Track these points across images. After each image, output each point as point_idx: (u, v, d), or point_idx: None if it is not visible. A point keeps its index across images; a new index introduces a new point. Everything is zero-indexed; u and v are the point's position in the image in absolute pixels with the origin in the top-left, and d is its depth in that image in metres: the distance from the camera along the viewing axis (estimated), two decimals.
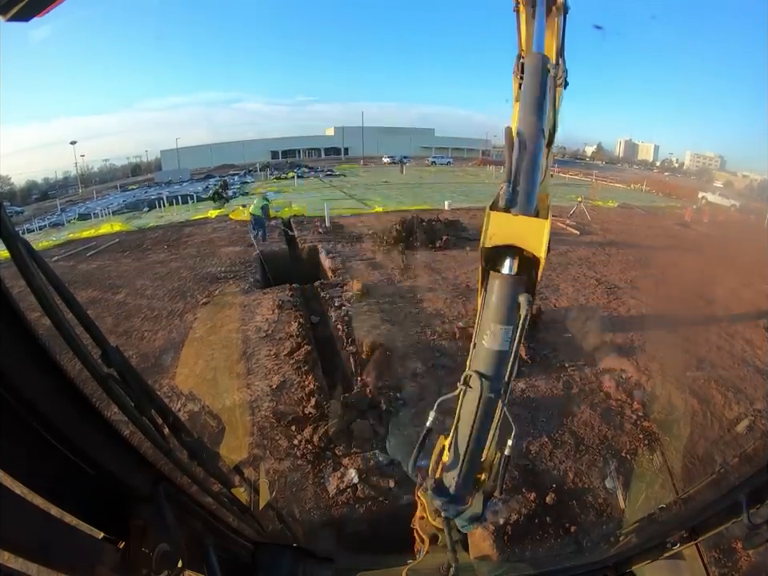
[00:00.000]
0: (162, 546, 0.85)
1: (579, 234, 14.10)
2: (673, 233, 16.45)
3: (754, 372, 6.09)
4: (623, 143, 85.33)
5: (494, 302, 1.37)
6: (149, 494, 0.93)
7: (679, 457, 4.41)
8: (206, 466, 1.25)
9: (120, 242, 14.28)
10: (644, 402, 5.33)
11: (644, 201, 27.06)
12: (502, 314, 1.36)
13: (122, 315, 7.92)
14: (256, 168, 45.66)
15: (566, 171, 45.85)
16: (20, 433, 0.67)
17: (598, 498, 4.01)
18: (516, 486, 4.06)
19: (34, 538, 0.67)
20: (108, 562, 0.80)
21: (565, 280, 9.56)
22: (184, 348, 6.58)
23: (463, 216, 15.18)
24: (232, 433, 4.72)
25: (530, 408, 5.17)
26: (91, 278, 10.26)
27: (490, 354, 1.40)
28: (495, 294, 1.36)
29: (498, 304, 1.36)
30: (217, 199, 21.76)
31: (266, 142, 60.99)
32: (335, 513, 3.84)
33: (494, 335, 1.37)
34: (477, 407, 1.44)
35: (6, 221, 0.64)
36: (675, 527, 1.44)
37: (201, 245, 12.74)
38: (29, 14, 0.75)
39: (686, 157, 74.47)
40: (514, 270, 1.32)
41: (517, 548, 3.53)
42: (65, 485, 0.77)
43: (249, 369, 5.98)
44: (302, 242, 12.49)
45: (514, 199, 1.25)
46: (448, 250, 11.32)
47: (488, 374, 1.42)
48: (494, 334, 1.37)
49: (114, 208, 26.68)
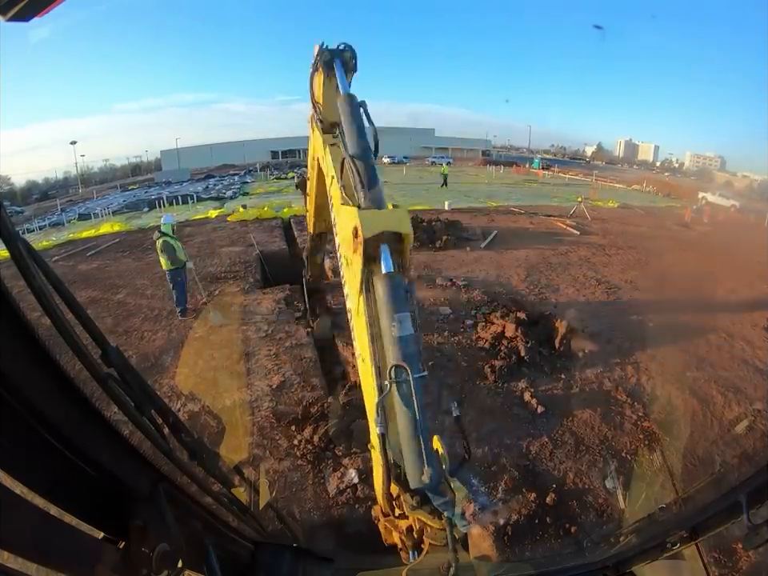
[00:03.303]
0: (162, 546, 0.85)
1: (579, 234, 14.10)
2: (673, 233, 16.45)
3: (754, 372, 6.09)
4: (623, 143, 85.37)
5: (388, 298, 1.55)
6: (149, 494, 0.93)
7: (679, 457, 4.41)
8: (206, 466, 1.25)
9: (120, 241, 14.29)
10: (644, 401, 5.34)
11: (644, 201, 27.07)
12: (399, 304, 1.54)
13: (122, 315, 7.92)
14: (256, 168, 45.66)
15: (566, 171, 45.90)
16: (20, 433, 0.67)
17: (598, 497, 4.01)
18: (516, 485, 4.07)
19: (34, 538, 0.67)
20: (108, 562, 0.80)
21: (565, 280, 9.56)
22: (184, 348, 6.58)
23: (463, 216, 15.20)
24: (232, 433, 4.72)
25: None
26: (91, 278, 10.26)
27: (402, 341, 1.52)
28: (387, 292, 1.55)
29: (393, 298, 1.54)
30: None
31: (265, 142, 60.99)
32: (335, 513, 3.84)
33: (400, 323, 1.52)
34: (412, 392, 1.48)
35: (6, 221, 0.64)
36: (675, 527, 1.44)
37: (201, 245, 12.74)
38: (29, 14, 0.75)
39: (685, 157, 74.51)
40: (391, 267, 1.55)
41: (517, 548, 3.53)
42: (65, 485, 0.77)
43: (249, 368, 5.98)
44: (303, 241, 12.48)
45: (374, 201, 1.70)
46: (448, 249, 11.33)
47: (410, 358, 1.51)
48: (400, 322, 1.52)
49: (114, 208, 26.68)
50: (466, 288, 8.68)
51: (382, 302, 1.56)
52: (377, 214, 1.62)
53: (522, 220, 16.07)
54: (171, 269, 7.42)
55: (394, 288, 1.55)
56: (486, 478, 4.17)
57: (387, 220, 1.60)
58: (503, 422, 4.96)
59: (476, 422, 4.89)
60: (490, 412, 5.12)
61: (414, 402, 1.48)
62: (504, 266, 10.36)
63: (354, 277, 1.69)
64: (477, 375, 5.79)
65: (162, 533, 0.88)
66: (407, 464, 1.53)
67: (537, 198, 23.23)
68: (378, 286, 1.58)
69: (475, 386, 5.58)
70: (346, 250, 1.79)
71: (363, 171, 1.77)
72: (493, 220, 15.65)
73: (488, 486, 4.09)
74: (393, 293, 1.55)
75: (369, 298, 1.62)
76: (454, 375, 5.80)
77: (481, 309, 7.65)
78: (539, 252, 11.52)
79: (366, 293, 1.62)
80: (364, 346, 1.68)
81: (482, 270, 9.97)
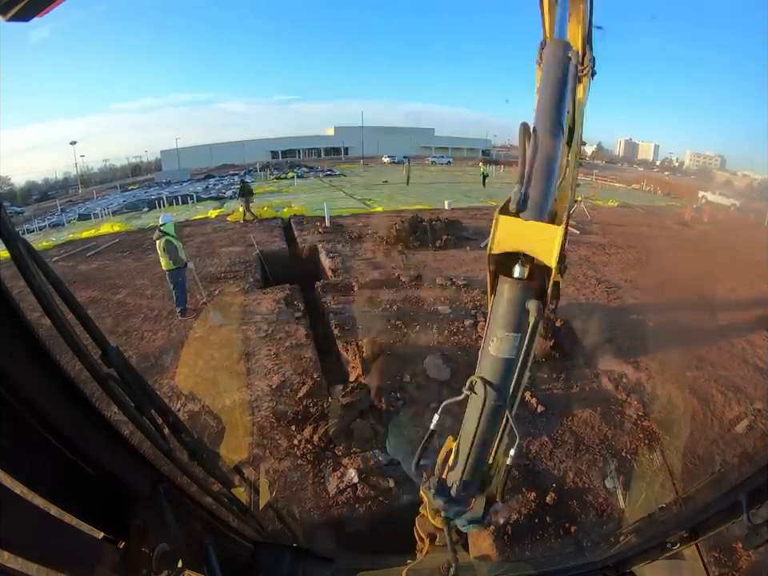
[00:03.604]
0: (162, 546, 0.85)
1: (579, 234, 14.09)
2: (673, 232, 16.45)
3: (754, 371, 6.09)
4: (623, 143, 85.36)
5: (502, 307, 1.31)
6: (149, 494, 0.93)
7: (679, 456, 4.41)
8: (206, 466, 1.25)
9: (120, 242, 14.28)
10: (644, 401, 5.34)
11: (644, 200, 27.06)
12: (510, 321, 1.30)
13: (122, 315, 7.92)
14: (256, 168, 45.65)
15: None
16: (20, 433, 0.67)
17: (598, 497, 4.01)
18: (516, 485, 4.07)
19: (34, 538, 0.67)
20: (108, 562, 0.80)
21: (565, 279, 9.53)
22: (184, 348, 6.58)
23: (463, 216, 15.19)
24: (232, 433, 4.72)
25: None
26: (91, 278, 10.26)
27: (495, 361, 1.36)
28: (504, 300, 1.31)
29: (507, 310, 1.30)
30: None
31: (265, 142, 60.99)
32: (335, 513, 3.84)
33: (500, 342, 1.32)
34: (480, 414, 1.41)
35: (6, 221, 0.64)
36: (675, 527, 1.44)
37: (201, 245, 12.73)
38: (29, 14, 0.74)
39: (686, 156, 74.53)
40: (524, 275, 1.26)
41: (517, 548, 3.53)
42: (65, 485, 0.77)
43: (249, 368, 5.98)
44: (302, 241, 12.49)
45: (525, 202, 1.17)
46: (448, 249, 11.33)
47: (493, 381, 1.37)
48: (500, 340, 1.32)
49: (114, 208, 26.67)
50: (465, 288, 8.67)
51: (497, 308, 1.34)
52: (519, 226, 1.21)
53: None
54: (172, 269, 7.42)
55: (512, 300, 1.30)
56: None
57: (528, 238, 1.20)
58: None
59: None
60: None
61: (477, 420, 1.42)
62: None
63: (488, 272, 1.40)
64: None
65: (162, 533, 0.88)
66: (452, 461, 1.54)
67: None
68: (500, 289, 1.33)
69: None
70: None
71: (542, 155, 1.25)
72: None
73: None
74: (508, 305, 1.30)
75: (492, 301, 1.38)
76: (455, 375, 5.80)
77: (481, 308, 7.65)
78: None
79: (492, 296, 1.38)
80: None
81: (482, 269, 9.94)
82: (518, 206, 1.16)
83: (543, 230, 1.19)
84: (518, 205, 1.16)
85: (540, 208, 1.22)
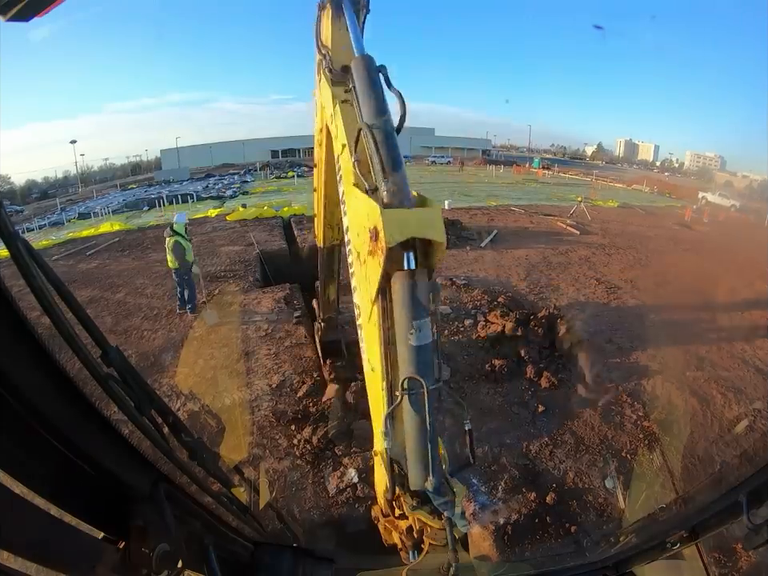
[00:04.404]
0: (162, 546, 0.85)
1: (579, 234, 14.10)
2: (673, 232, 16.45)
3: (754, 372, 6.09)
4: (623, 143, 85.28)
5: (408, 302, 1.34)
6: (149, 494, 0.93)
7: (679, 457, 4.41)
8: (206, 466, 1.25)
9: (120, 241, 14.28)
10: (644, 401, 5.34)
11: (644, 201, 27.07)
12: (420, 309, 1.34)
13: (122, 314, 7.92)
14: (256, 167, 45.63)
15: (566, 171, 45.87)
16: (20, 433, 0.67)
17: (598, 497, 4.01)
18: (516, 485, 4.07)
19: (34, 537, 0.67)
20: (108, 562, 0.80)
21: (565, 280, 9.56)
22: (184, 347, 6.58)
23: (463, 216, 15.19)
24: (232, 432, 4.72)
25: None
26: (91, 277, 10.25)
27: (419, 350, 1.37)
28: (406, 292, 1.34)
29: (414, 302, 1.34)
30: None
31: (265, 141, 60.95)
32: (335, 512, 3.84)
33: (420, 330, 1.34)
34: (426, 405, 1.40)
35: (6, 220, 0.64)
36: (675, 527, 1.44)
37: (201, 244, 12.72)
38: (29, 14, 0.75)
39: (685, 157, 74.43)
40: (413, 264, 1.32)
41: (517, 548, 3.53)
42: (65, 485, 0.77)
43: (249, 368, 5.98)
44: (303, 241, 12.48)
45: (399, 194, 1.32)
46: (448, 249, 11.29)
47: (425, 369, 1.39)
48: (419, 329, 1.34)
49: (114, 207, 26.68)
50: (466, 287, 8.68)
51: (399, 305, 1.37)
52: (404, 216, 1.31)
53: (522, 219, 16.06)
54: (177, 268, 7.53)
55: (415, 290, 1.34)
56: (486, 478, 4.17)
57: (417, 224, 1.29)
58: (503, 422, 4.97)
59: (476, 422, 4.89)
60: (490, 411, 5.12)
61: (425, 413, 1.40)
62: (504, 265, 10.36)
63: (368, 280, 1.45)
64: (477, 374, 5.79)
65: (161, 533, 0.88)
66: (411, 467, 1.48)
67: (537, 198, 23.23)
68: (396, 286, 1.36)
69: (475, 386, 5.59)
70: (359, 244, 1.52)
71: (384, 148, 1.39)
72: (493, 219, 15.63)
73: (488, 485, 4.10)
74: (413, 296, 1.34)
75: (384, 303, 1.41)
76: (454, 374, 5.80)
77: (481, 308, 7.65)
78: (539, 251, 11.52)
79: (381, 299, 1.41)
80: (374, 354, 1.51)
81: (481, 269, 9.97)
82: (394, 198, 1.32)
83: (427, 212, 1.34)
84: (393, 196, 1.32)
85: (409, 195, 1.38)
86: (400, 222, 1.28)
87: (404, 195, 1.36)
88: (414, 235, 1.28)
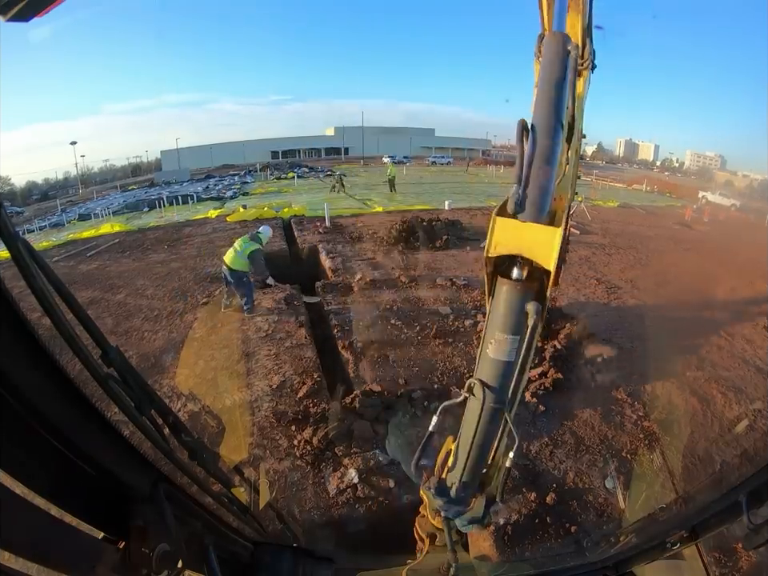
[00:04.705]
0: (162, 546, 0.85)
1: (579, 234, 14.09)
2: (673, 232, 16.44)
3: (754, 371, 6.09)
4: (623, 143, 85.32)
5: (500, 309, 1.29)
6: (149, 494, 0.93)
7: (679, 456, 4.41)
8: (206, 466, 1.25)
9: (120, 242, 14.27)
10: (644, 401, 5.33)
11: (644, 200, 27.06)
12: (509, 323, 1.27)
13: (122, 315, 7.91)
14: (256, 168, 45.62)
15: None
16: (20, 433, 0.67)
17: (598, 497, 4.01)
18: (516, 485, 4.07)
19: (34, 538, 0.67)
20: (108, 562, 0.80)
21: (565, 280, 9.55)
22: (184, 348, 6.58)
23: (463, 216, 15.19)
24: (232, 433, 4.72)
25: None
26: (91, 278, 10.25)
27: (493, 363, 1.33)
28: (502, 301, 1.28)
29: (505, 312, 1.28)
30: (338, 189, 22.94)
31: (265, 142, 60.95)
32: (335, 513, 3.84)
33: (498, 344, 1.30)
34: (479, 416, 1.39)
35: (7, 221, 0.64)
36: (675, 527, 1.44)
37: (201, 245, 12.73)
38: (29, 14, 0.75)
39: (686, 156, 74.48)
40: (522, 277, 1.24)
41: (517, 548, 3.53)
42: (65, 485, 0.77)
43: (249, 369, 5.98)
44: (303, 241, 12.49)
45: (523, 203, 1.11)
46: (448, 249, 11.33)
47: (492, 384, 1.35)
48: (498, 343, 1.29)
49: (114, 208, 26.63)
50: (465, 288, 8.68)
51: (495, 310, 1.32)
52: (517, 228, 1.18)
53: None
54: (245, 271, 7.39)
55: (511, 302, 1.27)
56: None
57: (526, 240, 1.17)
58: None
59: None
60: None
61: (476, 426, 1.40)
62: None
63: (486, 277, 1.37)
64: None
65: (161, 533, 0.88)
66: (450, 469, 1.54)
67: None
68: (497, 290, 1.31)
69: None
70: None
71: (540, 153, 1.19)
72: None
73: None
74: (507, 307, 1.27)
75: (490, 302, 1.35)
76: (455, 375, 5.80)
77: (481, 309, 7.65)
78: None
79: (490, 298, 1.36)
80: None
81: (482, 270, 9.95)
82: (516, 207, 1.11)
83: (542, 232, 1.16)
84: (516, 206, 1.11)
85: (539, 209, 1.19)
86: (508, 233, 1.19)
87: (533, 207, 1.18)
88: (520, 252, 1.20)
